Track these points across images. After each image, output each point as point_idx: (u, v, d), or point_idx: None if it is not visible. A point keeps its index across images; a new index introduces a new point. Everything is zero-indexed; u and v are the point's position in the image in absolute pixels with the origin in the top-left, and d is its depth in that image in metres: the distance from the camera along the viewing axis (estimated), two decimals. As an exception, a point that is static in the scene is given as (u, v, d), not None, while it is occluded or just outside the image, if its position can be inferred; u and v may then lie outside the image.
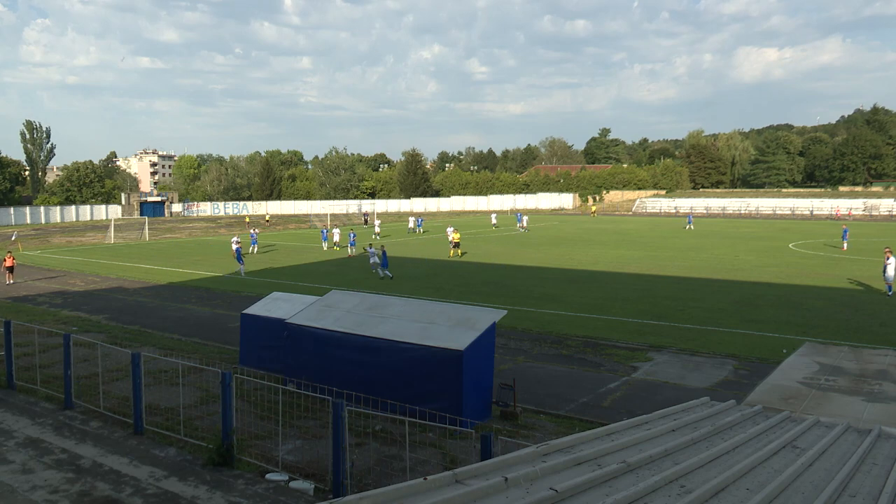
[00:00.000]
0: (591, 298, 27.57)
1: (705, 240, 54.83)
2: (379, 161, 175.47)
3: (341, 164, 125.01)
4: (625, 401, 14.66)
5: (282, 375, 14.80)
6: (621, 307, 25.56)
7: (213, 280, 33.88)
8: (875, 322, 22.56)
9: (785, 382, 9.56)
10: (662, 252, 45.54)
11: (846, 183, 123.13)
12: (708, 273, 34.59)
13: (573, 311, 24.74)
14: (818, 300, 26.82)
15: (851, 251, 44.07)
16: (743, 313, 24.22)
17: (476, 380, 12.93)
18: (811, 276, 33.47)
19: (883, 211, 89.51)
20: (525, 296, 28.26)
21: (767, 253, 44.33)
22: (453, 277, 34.24)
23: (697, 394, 12.57)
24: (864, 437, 6.83)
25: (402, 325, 13.80)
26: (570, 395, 15.11)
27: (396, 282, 32.12)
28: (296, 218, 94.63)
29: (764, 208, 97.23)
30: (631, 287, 30.65)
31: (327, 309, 15.32)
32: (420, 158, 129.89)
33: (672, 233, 64.10)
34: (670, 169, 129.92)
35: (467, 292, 28.66)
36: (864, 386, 9.43)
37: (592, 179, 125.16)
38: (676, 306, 25.61)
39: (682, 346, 19.48)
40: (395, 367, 13.14)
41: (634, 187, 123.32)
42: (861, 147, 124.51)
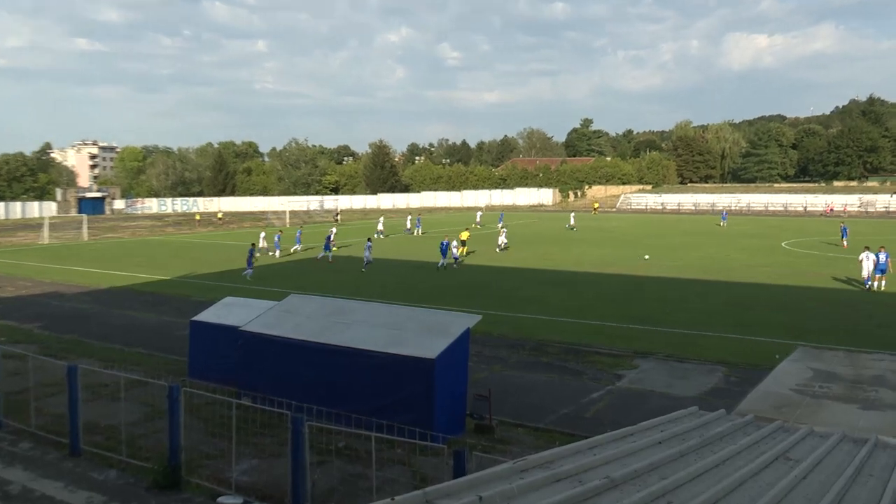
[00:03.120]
0: (573, 301, 27.75)
1: (694, 238, 55.57)
2: (343, 153, 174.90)
3: (301, 157, 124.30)
4: (609, 411, 14.77)
5: (235, 388, 14.64)
6: (605, 311, 25.77)
7: (159, 284, 33.43)
8: (872, 324, 23.05)
9: (777, 390, 9.71)
10: (649, 251, 46.02)
11: (841, 177, 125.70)
12: (697, 273, 35.05)
13: (554, 316, 24.88)
14: (812, 301, 27.32)
15: (849, 250, 44.97)
16: (733, 316, 24.58)
17: (449, 391, 12.93)
18: (805, 276, 34.10)
19: (879, 207, 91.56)
20: (502, 299, 28.34)
21: (759, 252, 45.07)
22: (425, 280, 34.31)
23: (685, 403, 12.71)
24: (861, 446, 6.95)
25: (368, 331, 13.75)
26: (551, 406, 15.18)
27: (364, 284, 32.00)
28: (251, 215, 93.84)
29: (756, 204, 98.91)
30: (616, 289, 30.92)
31: (286, 315, 15.20)
32: (388, 150, 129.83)
33: (659, 231, 64.84)
34: (656, 162, 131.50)
35: (440, 295, 28.66)
36: (860, 393, 9.62)
37: (574, 174, 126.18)
38: (664, 309, 25.90)
39: (669, 352, 19.70)
40: (361, 378, 13.07)
41: (619, 182, 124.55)
42: (856, 139, 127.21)
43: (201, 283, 33.53)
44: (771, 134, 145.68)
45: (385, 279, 34.40)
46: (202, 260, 43.22)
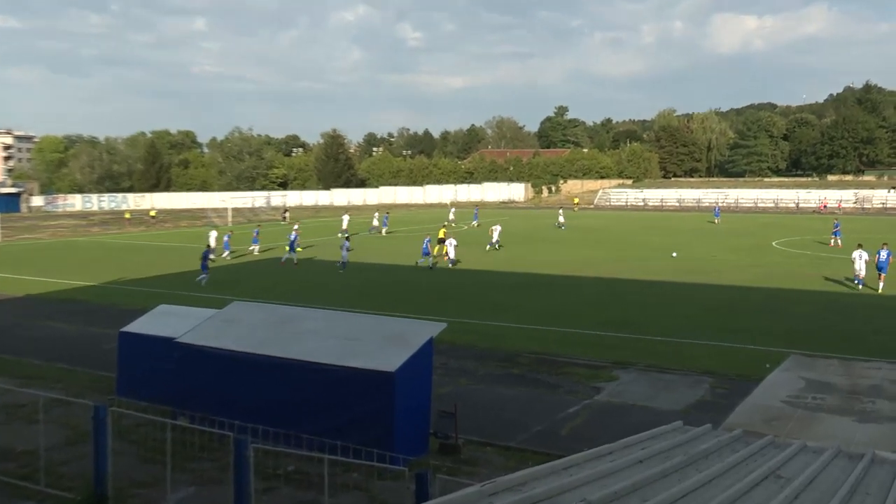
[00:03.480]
0: (548, 307, 27.93)
1: (679, 237, 56.33)
2: (292, 144, 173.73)
3: (245, 148, 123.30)
4: (586, 428, 14.89)
5: (171, 407, 14.45)
6: (582, 317, 25.98)
7: (84, 290, 32.87)
8: (868, 329, 23.59)
9: (768, 402, 9.86)
10: (630, 252, 46.54)
11: (835, 171, 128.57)
12: (681, 276, 35.54)
13: (526, 323, 25.00)
14: (805, 306, 27.87)
15: (843, 250, 46.01)
16: (721, 322, 24.96)
17: (410, 407, 12.91)
18: (797, 277, 34.79)
19: (876, 203, 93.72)
20: (469, 305, 28.40)
21: (748, 252, 45.85)
22: (390, 283, 34.26)
23: (669, 417, 12.87)
24: (856, 462, 7.10)
25: (321, 342, 13.68)
26: (522, 423, 15.25)
27: (316, 290, 31.83)
28: (189, 213, 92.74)
29: (744, 200, 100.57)
30: (594, 293, 31.20)
31: (228, 324, 15.05)
32: (342, 141, 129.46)
33: (641, 229, 65.60)
34: (637, 154, 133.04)
35: (401, 301, 28.60)
36: (856, 404, 9.82)
37: (547, 167, 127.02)
38: (646, 315, 26.20)
39: (651, 362, 19.93)
40: (312, 394, 13.00)
41: (596, 176, 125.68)
42: (852, 130, 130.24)
43: (132, 289, 33.04)
44: (760, 124, 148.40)
45: (347, 283, 34.29)
46: (133, 263, 42.60)
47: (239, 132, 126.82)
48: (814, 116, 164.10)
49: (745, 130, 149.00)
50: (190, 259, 44.56)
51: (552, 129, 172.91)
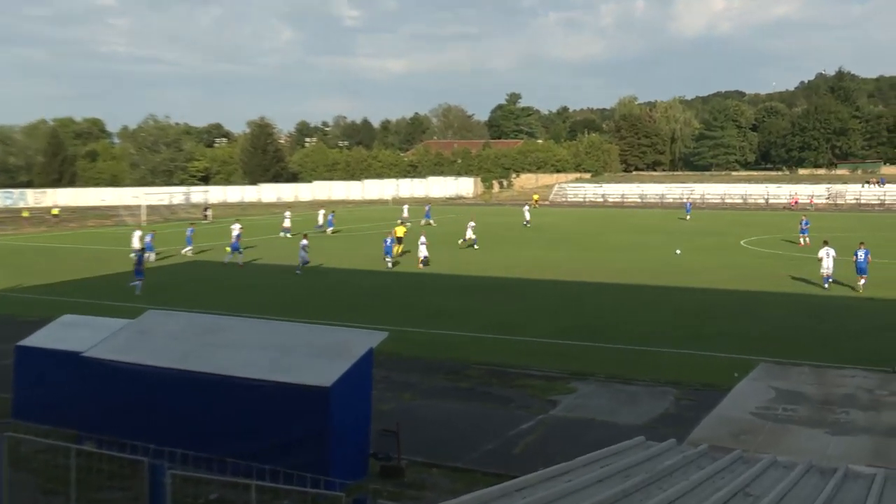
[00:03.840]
0: (500, 314, 28.07)
1: (641, 237, 57.13)
2: (214, 134, 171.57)
3: (162, 138, 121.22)
4: (541, 445, 15.00)
5: (76, 430, 14.14)
6: (538, 324, 26.18)
7: (-25, 300, 31.97)
8: (843, 335, 24.26)
9: (736, 414, 10.07)
10: (589, 252, 47.07)
11: (807, 164, 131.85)
12: (644, 278, 36.05)
13: (476, 331, 25.08)
14: (776, 309, 28.52)
15: (813, 249, 47.24)
16: (686, 328, 25.41)
17: (347, 426, 12.86)
18: (767, 279, 35.58)
19: (849, 199, 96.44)
20: (415, 312, 28.40)
21: (715, 252, 46.73)
22: (323, 288, 34.06)
23: (631, 432, 13.06)
24: (829, 478, 7.29)
25: (247, 355, 13.54)
26: (472, 442, 15.30)
27: (242, 296, 31.48)
28: (97, 211, 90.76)
29: (711, 196, 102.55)
30: (550, 298, 31.46)
31: (142, 336, 14.80)
32: (271, 131, 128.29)
33: (600, 228, 66.40)
34: (596, 146, 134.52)
35: (338, 308, 28.48)
36: (829, 415, 10.09)
37: (499, 159, 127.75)
38: (606, 321, 26.53)
39: (612, 373, 20.16)
40: (237, 413, 12.85)
41: (552, 169, 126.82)
42: (824, 120, 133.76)
43: (31, 297, 32.25)
44: (728, 113, 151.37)
45: (284, 287, 34.15)
46: (32, 268, 41.59)
47: (154, 120, 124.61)
48: (784, 105, 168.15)
49: (712, 120, 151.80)
50: (100, 263, 43.66)
51: (503, 118, 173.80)
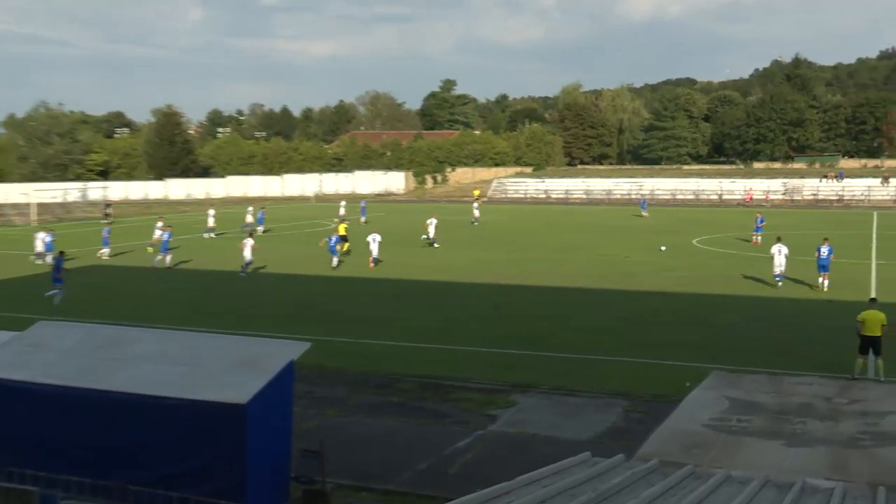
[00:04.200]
0: (434, 321, 28.14)
1: (587, 236, 57.76)
2: (115, 124, 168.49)
3: (54, 128, 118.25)
4: (479, 464, 15.08)
5: (-42, 457, 13.75)
6: (474, 332, 26.31)
7: None
8: (800, 340, 24.91)
9: (687, 426, 10.26)
10: (530, 253, 47.41)
11: (762, 157, 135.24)
12: (589, 281, 36.49)
13: (409, 341, 25.10)
14: (729, 314, 29.15)
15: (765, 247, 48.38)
16: (635, 334, 25.81)
17: (266, 447, 12.75)
18: (721, 281, 36.32)
19: (807, 194, 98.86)
20: (339, 320, 28.31)
21: (666, 251, 47.47)
22: (236, 295, 33.79)
23: (576, 448, 13.22)
24: (786, 493, 7.50)
25: (155, 370, 13.32)
26: (404, 461, 15.31)
27: (159, 303, 31.01)
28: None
29: (661, 191, 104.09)
30: (488, 303, 31.62)
31: (32, 350, 14.44)
32: (179, 120, 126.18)
33: (544, 226, 66.93)
34: (538, 138, 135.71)
35: (255, 317, 28.31)
36: (786, 426, 10.35)
37: (432, 152, 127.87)
38: (549, 328, 26.78)
39: (555, 384, 20.36)
40: (142, 435, 12.63)
41: (490, 163, 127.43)
42: (780, 110, 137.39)
43: None
44: (679, 102, 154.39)
45: (204, 294, 33.95)
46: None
47: (46, 108, 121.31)
48: (738, 94, 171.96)
49: (662, 110, 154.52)
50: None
51: (437, 106, 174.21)
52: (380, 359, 22.97)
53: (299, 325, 26.44)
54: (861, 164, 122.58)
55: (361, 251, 45.69)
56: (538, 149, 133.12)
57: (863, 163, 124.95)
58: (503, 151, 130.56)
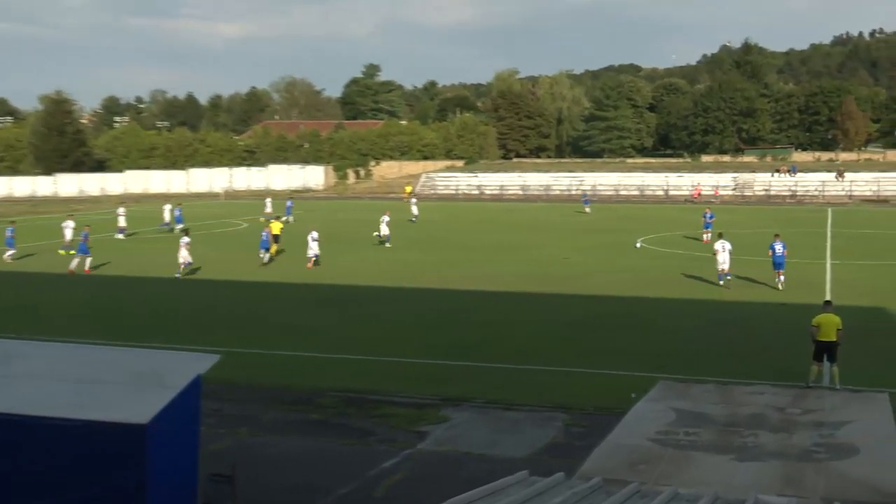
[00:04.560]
0: (357, 329, 28.07)
1: (523, 235, 58.10)
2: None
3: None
4: (408, 486, 15.09)
5: None
6: (404, 342, 26.30)
7: None
8: (753, 346, 25.38)
9: (632, 441, 10.39)
10: (463, 255, 47.55)
11: (711, 150, 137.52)
12: (526, 284, 36.74)
13: (330, 351, 25.00)
14: (677, 318, 29.64)
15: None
16: (576, 342, 26.06)
17: (170, 472, 12.58)
18: (668, 283, 36.88)
19: (758, 189, 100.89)
20: (255, 328, 28.15)
21: (608, 252, 48.02)
22: (141, 301, 33.48)
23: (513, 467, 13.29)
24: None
25: (41, 387, 13.06)
26: (324, 485, 15.22)
27: (46, 315, 30.38)
28: None
29: (603, 186, 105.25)
30: (417, 309, 31.65)
31: None
32: (70, 108, 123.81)
33: (477, 225, 67.20)
34: (470, 128, 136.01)
35: (160, 326, 28.02)
36: (736, 438, 10.55)
37: (354, 144, 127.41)
38: (483, 336, 26.89)
39: (491, 397, 20.44)
40: (29, 461, 12.37)
41: (418, 155, 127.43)
42: (729, 99, 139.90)
43: None
44: (622, 90, 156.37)
45: (104, 302, 33.53)
46: None
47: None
48: (685, 82, 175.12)
49: (604, 98, 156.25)
50: None
51: (360, 94, 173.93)
52: (299, 371, 22.82)
53: (210, 335, 26.18)
54: (815, 158, 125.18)
55: (293, 253, 45.54)
56: (470, 140, 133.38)
57: (816, 156, 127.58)
58: (432, 143, 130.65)
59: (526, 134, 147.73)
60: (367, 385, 21.54)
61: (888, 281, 37.10)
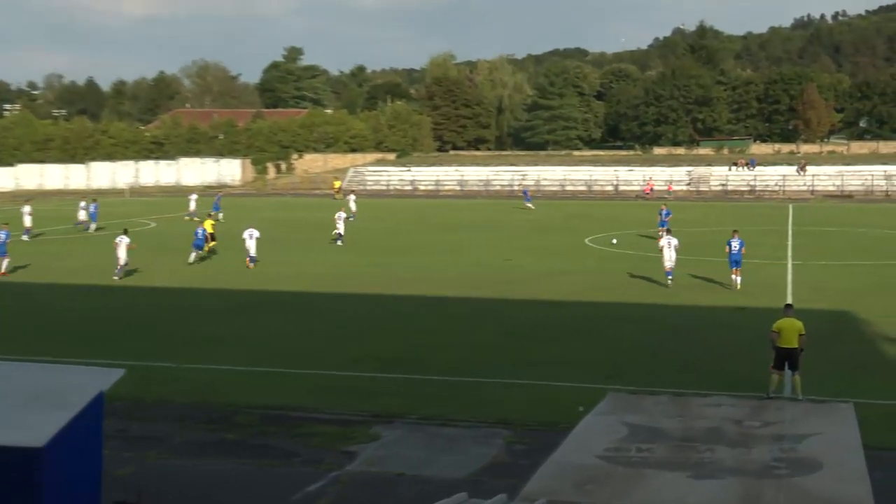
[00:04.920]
0: (281, 340, 27.92)
1: (461, 235, 58.22)
2: None
3: None
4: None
5: None
6: (329, 352, 26.23)
7: None
8: (709, 354, 25.69)
9: (579, 459, 10.45)
10: (395, 257, 47.54)
11: (664, 142, 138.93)
12: (464, 289, 36.82)
13: (249, 364, 24.84)
14: (628, 324, 29.89)
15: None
16: (518, 351, 26.18)
17: (68, 499, 12.41)
18: (618, 287, 37.27)
19: (714, 184, 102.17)
20: (166, 339, 27.88)
21: (554, 253, 48.30)
22: (39, 310, 33.19)
23: (451, 488, 13.32)
24: (692, 534, 7.72)
25: (-78, 408, 12.82)
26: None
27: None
28: None
29: (548, 181, 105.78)
30: (347, 317, 31.56)
31: None
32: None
33: (411, 224, 67.17)
34: (403, 118, 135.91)
35: (56, 338, 27.59)
36: (692, 454, 10.65)
37: (274, 135, 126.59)
38: (419, 345, 26.92)
39: (426, 412, 20.44)
40: None
41: (346, 148, 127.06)
42: (683, 87, 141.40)
43: None
44: (567, 77, 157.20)
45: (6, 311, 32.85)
46: None
47: None
48: (635, 68, 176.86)
49: (548, 86, 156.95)
50: None
51: (280, 80, 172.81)
52: (213, 387, 22.62)
53: (114, 347, 25.90)
54: (775, 150, 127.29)
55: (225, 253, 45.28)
56: (403, 131, 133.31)
57: (777, 148, 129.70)
58: (361, 134, 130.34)
59: (463, 124, 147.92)
60: (289, 401, 21.41)
61: (853, 282, 37.85)
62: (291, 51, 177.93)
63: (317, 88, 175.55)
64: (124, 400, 20.06)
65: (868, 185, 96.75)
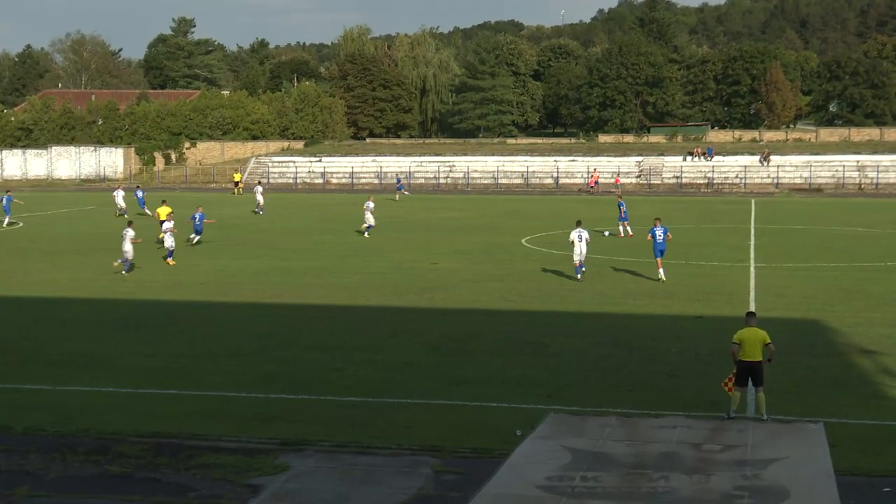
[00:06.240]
0: (166, 356, 27.67)
1: (377, 235, 58.02)
2: None
3: None
4: (237, 555, 14.98)
5: None
6: (229, 371, 26.02)
7: None
8: (661, 370, 25.90)
9: (517, 489, 10.54)
10: (305, 260, 47.35)
11: (610, 128, 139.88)
12: (383, 297, 36.83)
13: (131, 386, 24.56)
14: (570, 337, 30.04)
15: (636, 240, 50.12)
16: (447, 368, 26.21)
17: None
18: (559, 294, 37.42)
19: (667, 177, 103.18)
20: (31, 358, 27.51)
21: (485, 256, 48.42)
22: None
23: (371, 526, 13.34)
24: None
25: None
26: (130, 556, 15.00)
27: None
28: None
29: (479, 174, 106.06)
30: (246, 329, 31.33)
31: None
32: None
33: (319, 223, 66.82)
34: (312, 100, 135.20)
35: None
36: (643, 483, 10.79)
37: (163, 120, 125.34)
38: (331, 362, 26.85)
39: (340, 438, 20.38)
40: None
41: (246, 135, 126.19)
42: (632, 66, 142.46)
43: None
44: (500, 54, 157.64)
45: None
46: None
47: None
48: (577, 44, 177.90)
49: (478, 64, 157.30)
50: None
51: (169, 56, 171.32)
52: (93, 412, 22.34)
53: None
54: (735, 137, 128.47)
55: (99, 255, 44.43)
56: (312, 116, 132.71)
57: (737, 135, 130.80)
58: (263, 120, 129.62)
59: (382, 108, 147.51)
60: (182, 427, 21.22)
61: (822, 287, 38.31)
62: (181, 22, 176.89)
63: (211, 66, 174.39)
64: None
65: (839, 178, 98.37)
